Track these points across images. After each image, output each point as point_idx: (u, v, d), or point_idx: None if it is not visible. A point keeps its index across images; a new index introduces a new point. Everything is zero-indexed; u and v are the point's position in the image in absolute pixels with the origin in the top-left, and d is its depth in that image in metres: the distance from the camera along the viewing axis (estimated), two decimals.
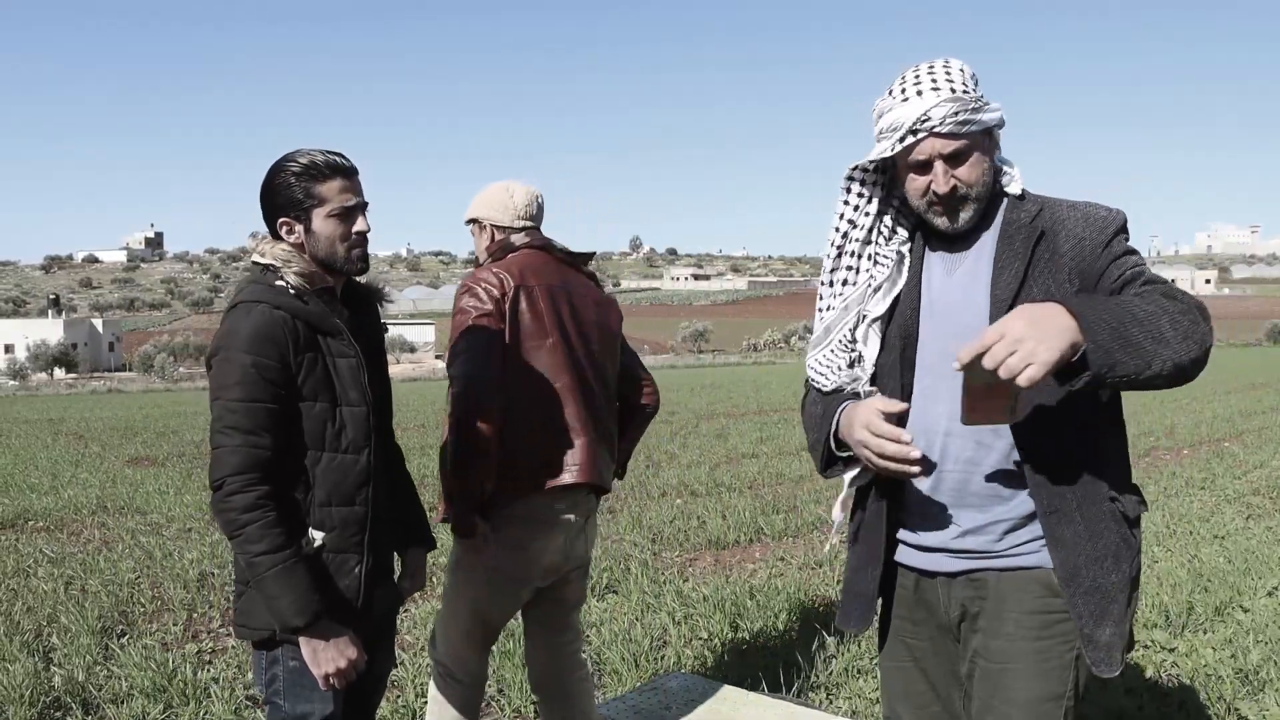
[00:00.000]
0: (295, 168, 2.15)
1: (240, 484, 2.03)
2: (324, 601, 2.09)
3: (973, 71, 1.92)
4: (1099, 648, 1.87)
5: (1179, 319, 1.73)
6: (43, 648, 4.70)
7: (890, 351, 2.01)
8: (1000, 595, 1.94)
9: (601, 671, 4.31)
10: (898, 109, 1.89)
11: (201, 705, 3.94)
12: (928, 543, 2.01)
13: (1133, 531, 1.93)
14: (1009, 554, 1.93)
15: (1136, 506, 1.94)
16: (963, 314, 1.94)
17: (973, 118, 1.85)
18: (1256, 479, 9.59)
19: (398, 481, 2.47)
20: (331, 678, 2.13)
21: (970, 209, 1.92)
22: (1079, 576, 1.87)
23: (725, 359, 60.19)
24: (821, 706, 3.86)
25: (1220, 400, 19.06)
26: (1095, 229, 1.90)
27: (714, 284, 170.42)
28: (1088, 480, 1.89)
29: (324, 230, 2.17)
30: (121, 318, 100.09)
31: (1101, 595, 1.88)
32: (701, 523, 7.62)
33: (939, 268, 2.01)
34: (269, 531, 2.03)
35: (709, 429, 14.73)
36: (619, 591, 5.66)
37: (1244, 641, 4.56)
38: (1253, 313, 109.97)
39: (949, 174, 1.89)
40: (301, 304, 2.14)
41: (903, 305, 2.01)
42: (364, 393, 2.21)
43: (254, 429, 2.05)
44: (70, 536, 7.49)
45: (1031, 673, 1.90)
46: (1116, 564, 1.89)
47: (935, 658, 2.07)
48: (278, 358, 2.08)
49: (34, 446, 13.95)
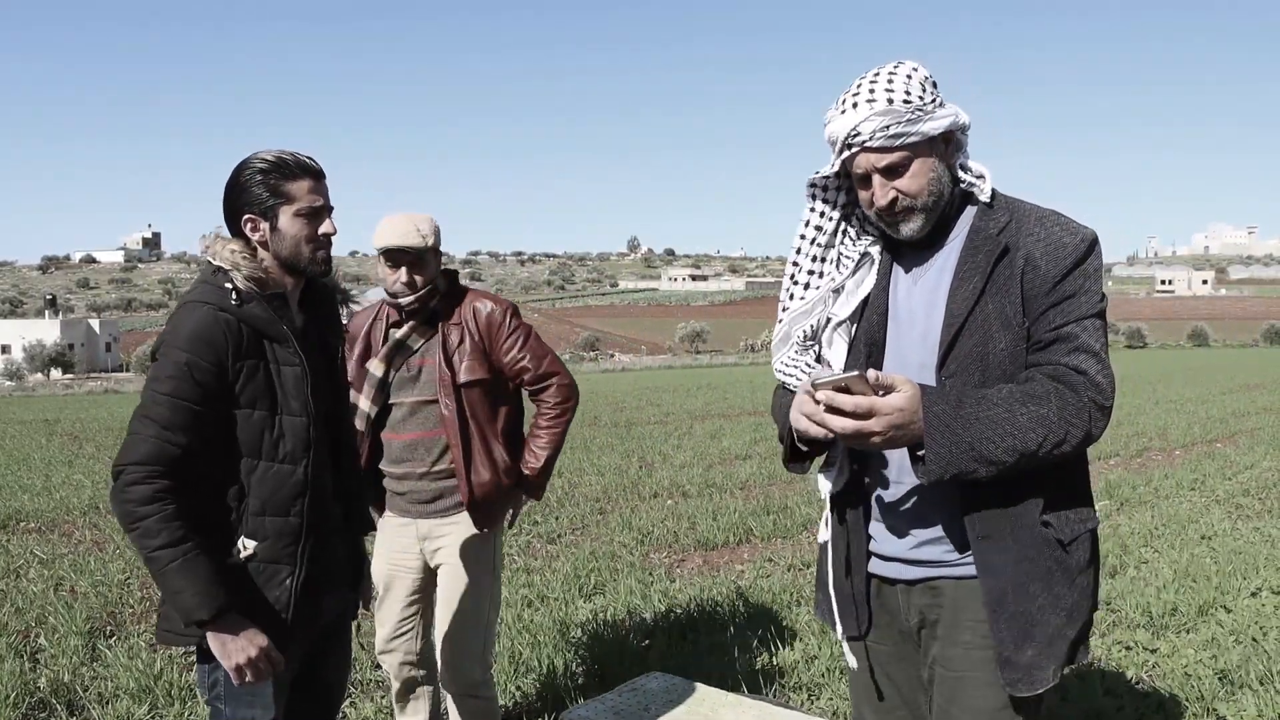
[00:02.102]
0: (263, 165, 2.13)
1: (142, 474, 2.00)
2: (228, 594, 2.04)
3: (925, 77, 1.88)
4: (1017, 668, 1.87)
5: (1041, 425, 1.77)
6: (30, 649, 4.71)
7: (856, 357, 2.01)
8: (956, 604, 1.95)
9: (584, 671, 4.33)
10: (835, 122, 1.89)
11: (186, 706, 3.96)
12: (888, 551, 2.03)
13: (1067, 552, 1.90)
14: (965, 563, 1.94)
15: (1075, 527, 1.91)
16: (923, 323, 1.95)
17: (908, 129, 1.83)
18: (1246, 480, 9.62)
19: (352, 486, 2.42)
20: (244, 669, 2.07)
21: (917, 219, 1.90)
22: (1004, 602, 1.88)
23: (723, 359, 60.16)
24: (802, 707, 3.88)
25: (1215, 401, 19.08)
26: (1053, 259, 1.85)
27: (711, 284, 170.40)
28: (1020, 504, 1.88)
29: (290, 229, 2.14)
30: (119, 318, 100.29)
31: (1025, 620, 1.87)
32: (692, 524, 7.64)
33: (906, 275, 2.00)
34: (166, 524, 1.99)
35: (703, 430, 14.74)
36: (605, 592, 5.69)
37: (1225, 642, 4.59)
38: (1250, 313, 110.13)
39: (886, 187, 1.88)
40: (248, 309, 2.11)
41: (869, 311, 2.01)
42: (306, 403, 2.17)
43: (171, 425, 2.02)
44: (61, 537, 7.50)
45: (986, 680, 1.90)
46: (1047, 587, 1.88)
47: (899, 663, 2.08)
48: (213, 360, 2.05)
49: (28, 447, 13.94)
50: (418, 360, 3.14)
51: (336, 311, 2.39)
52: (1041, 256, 1.86)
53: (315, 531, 2.20)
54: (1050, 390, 1.80)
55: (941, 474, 1.77)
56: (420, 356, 3.14)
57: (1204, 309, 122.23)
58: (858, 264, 2.03)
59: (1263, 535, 7.10)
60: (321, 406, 2.22)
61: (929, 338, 1.93)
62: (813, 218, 2.04)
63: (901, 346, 1.97)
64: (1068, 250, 1.86)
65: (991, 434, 1.77)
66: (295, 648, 2.21)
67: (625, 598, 5.46)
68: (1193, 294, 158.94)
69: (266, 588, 2.14)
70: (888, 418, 1.74)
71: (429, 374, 3.12)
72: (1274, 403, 18.62)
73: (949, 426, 1.76)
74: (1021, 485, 1.87)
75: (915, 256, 1.99)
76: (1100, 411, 1.82)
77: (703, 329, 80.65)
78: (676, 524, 7.64)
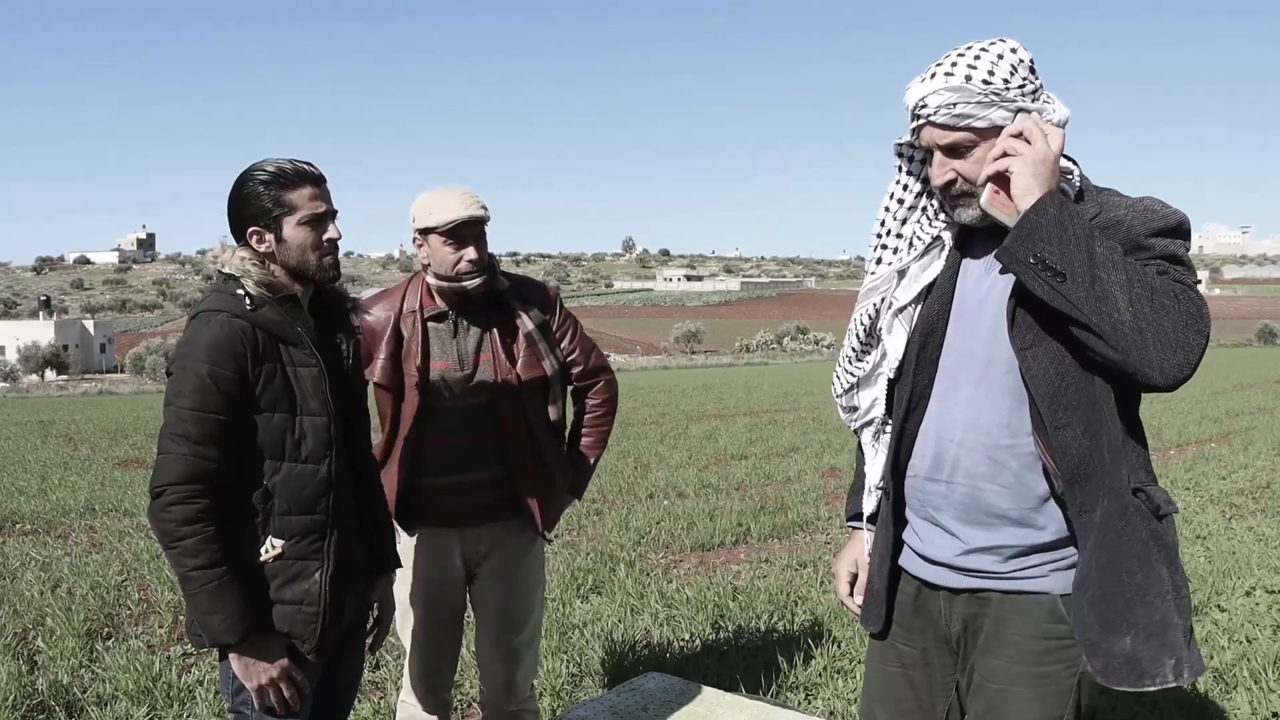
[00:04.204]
0: (264, 176, 2.13)
1: (182, 494, 2.02)
2: (256, 618, 2.08)
3: (1021, 60, 1.75)
4: (1112, 656, 1.70)
5: (1144, 289, 1.61)
6: (28, 651, 4.71)
7: (911, 347, 1.92)
8: (1002, 617, 1.87)
9: (583, 672, 4.35)
10: (912, 89, 1.80)
11: (186, 708, 3.96)
12: (933, 555, 1.94)
13: (1163, 524, 1.74)
14: (1014, 576, 1.86)
15: (1166, 504, 1.75)
16: (985, 317, 1.85)
17: (976, 112, 1.73)
18: (1241, 479, 9.65)
19: (368, 493, 2.43)
20: (267, 690, 2.12)
21: (975, 207, 1.80)
22: (1086, 583, 1.74)
23: (718, 360, 60.17)
24: (799, 707, 3.90)
25: (1209, 401, 19.11)
26: (1142, 219, 1.73)
27: (707, 285, 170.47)
28: (1112, 473, 1.73)
29: (295, 238, 2.16)
30: (113, 319, 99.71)
31: (1118, 602, 1.70)
32: (688, 524, 7.66)
33: (978, 265, 1.89)
34: (206, 546, 2.02)
35: (699, 430, 14.74)
36: (603, 592, 5.70)
37: (1220, 641, 4.61)
38: (1244, 313, 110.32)
39: (946, 165, 1.79)
40: (262, 313, 2.13)
41: (932, 299, 1.91)
42: (325, 402, 2.18)
43: (202, 439, 2.04)
44: (58, 539, 7.48)
45: (1029, 696, 1.83)
46: (1144, 564, 1.70)
47: (925, 667, 2.01)
48: (234, 369, 2.07)
49: (23, 449, 13.90)
50: (472, 356, 2.83)
51: (347, 316, 2.39)
52: (1131, 215, 1.74)
53: (339, 527, 2.22)
54: (1164, 282, 1.65)
55: (1034, 228, 1.64)
56: (476, 352, 2.83)
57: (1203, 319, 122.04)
58: (927, 247, 1.92)
59: (1256, 535, 7.13)
60: (338, 407, 2.24)
61: (991, 332, 1.82)
62: (895, 188, 1.95)
63: (963, 339, 1.87)
64: (1158, 215, 1.73)
65: (1103, 257, 1.62)
66: (325, 645, 2.22)
67: (622, 598, 5.47)
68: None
69: (297, 582, 2.16)
70: (1034, 154, 1.67)
71: (485, 371, 2.81)
72: (1268, 402, 18.67)
73: (1070, 218, 1.65)
74: (1110, 453, 1.73)
75: (990, 245, 1.84)
76: (1186, 330, 1.62)
77: (698, 329, 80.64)
78: (673, 524, 7.65)
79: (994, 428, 1.83)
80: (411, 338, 2.81)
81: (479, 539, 2.89)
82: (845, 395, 2.09)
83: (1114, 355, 1.63)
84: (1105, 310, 1.61)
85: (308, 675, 2.21)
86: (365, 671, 4.33)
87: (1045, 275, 1.63)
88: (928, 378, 1.90)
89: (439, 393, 2.80)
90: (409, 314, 2.83)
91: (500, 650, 2.95)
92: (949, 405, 1.88)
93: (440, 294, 2.81)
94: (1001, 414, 1.82)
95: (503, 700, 2.98)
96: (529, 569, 2.96)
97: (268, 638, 2.13)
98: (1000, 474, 1.83)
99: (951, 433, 1.87)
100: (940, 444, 1.88)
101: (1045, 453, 1.76)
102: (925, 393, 1.91)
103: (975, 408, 1.84)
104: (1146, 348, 1.61)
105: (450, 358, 2.81)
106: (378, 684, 4.27)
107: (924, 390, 1.91)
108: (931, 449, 1.89)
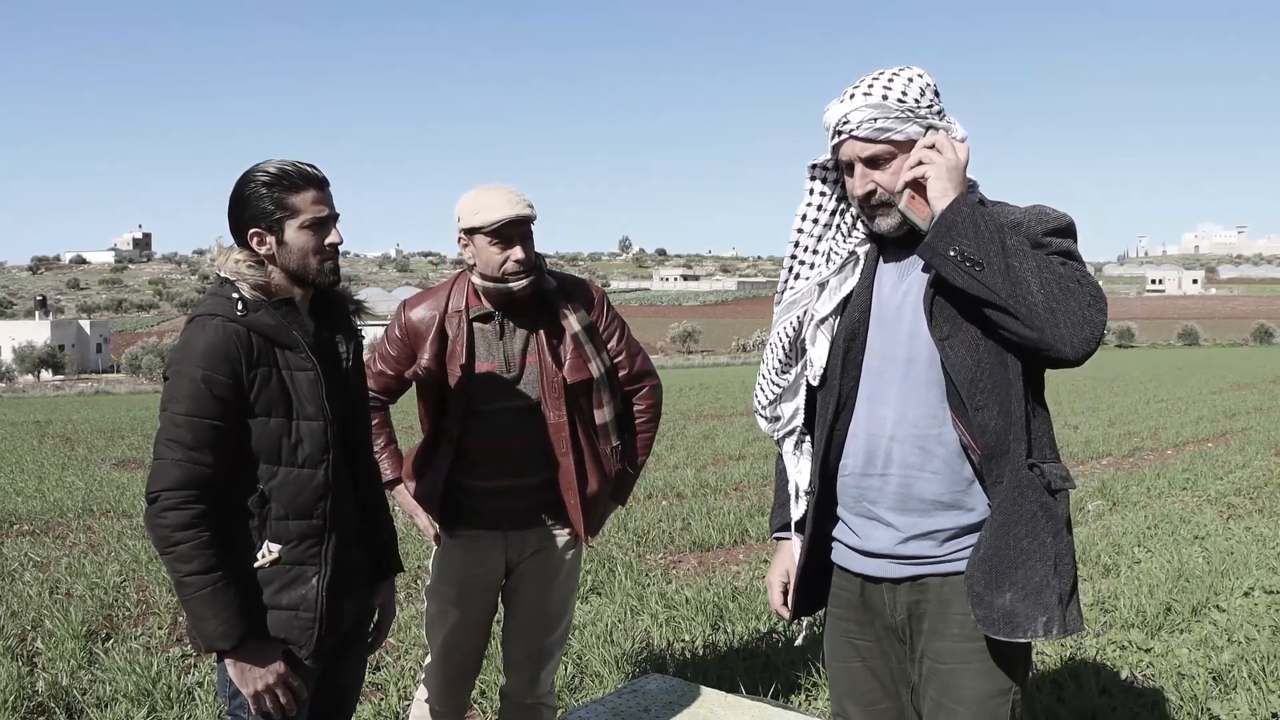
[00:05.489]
0: (266, 178, 2.11)
1: (177, 500, 2.01)
2: (252, 623, 2.08)
3: (928, 84, 1.95)
4: (992, 609, 1.87)
5: (1052, 275, 1.79)
6: (27, 652, 4.71)
7: (835, 354, 2.06)
8: (944, 598, 1.99)
9: (583, 674, 4.35)
10: (831, 109, 1.97)
11: (185, 709, 3.96)
12: (872, 548, 2.06)
13: (1054, 498, 1.91)
14: (951, 559, 1.99)
15: (1060, 480, 1.93)
16: (904, 321, 2.00)
17: (895, 126, 1.91)
18: (1238, 479, 9.68)
19: (368, 496, 2.41)
20: (263, 696, 2.11)
21: (894, 215, 1.97)
22: (979, 544, 1.92)
23: (715, 359, 60.22)
24: (800, 708, 3.90)
25: (1206, 401, 19.17)
26: (1038, 220, 1.92)
27: (703, 284, 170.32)
28: (1010, 449, 1.90)
29: (296, 242, 2.13)
30: (109, 319, 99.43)
31: (1003, 561, 1.88)
32: (686, 525, 7.66)
33: (891, 273, 2.05)
34: (201, 552, 2.01)
35: (696, 430, 14.75)
36: (602, 593, 5.70)
37: (1219, 641, 4.62)
38: (1239, 313, 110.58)
39: (866, 177, 1.95)
40: (256, 317, 2.10)
41: (851, 308, 2.05)
42: (322, 406, 2.16)
43: (197, 445, 2.03)
44: (55, 540, 7.47)
45: (976, 671, 1.96)
46: (1031, 531, 1.88)
47: (883, 657, 2.13)
48: (229, 374, 2.05)
49: (20, 449, 13.88)
50: (519, 358, 2.78)
51: (349, 319, 2.36)
52: (1029, 220, 1.93)
53: (337, 532, 2.21)
54: (1066, 270, 1.85)
55: (941, 232, 1.83)
56: (522, 354, 2.78)
57: (1194, 308, 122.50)
58: (844, 262, 2.07)
59: (1254, 535, 7.14)
60: (336, 412, 2.22)
61: (910, 335, 1.98)
62: (811, 201, 2.11)
63: (884, 343, 2.01)
64: (1051, 217, 1.93)
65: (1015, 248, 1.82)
66: (322, 650, 2.21)
67: (622, 599, 5.48)
68: (1183, 293, 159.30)
69: (294, 587, 2.15)
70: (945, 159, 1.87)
71: (532, 373, 2.76)
72: (1264, 402, 18.72)
73: (981, 216, 1.84)
74: (1010, 431, 1.89)
75: (902, 256, 2.03)
76: (1101, 312, 1.82)
77: (694, 329, 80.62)
78: (671, 525, 7.66)
79: (921, 419, 1.98)
80: (456, 338, 2.77)
81: (523, 542, 2.87)
82: (769, 406, 2.22)
83: (1030, 334, 1.81)
84: (1020, 294, 1.79)
85: (305, 680, 2.20)
86: (365, 672, 4.33)
87: (965, 265, 1.81)
88: (853, 381, 2.04)
89: (484, 394, 2.76)
90: (454, 314, 2.80)
91: (531, 648, 2.94)
92: (876, 405, 2.02)
93: (486, 295, 2.77)
94: (928, 406, 1.97)
95: (525, 693, 2.98)
96: (569, 572, 2.95)
97: (264, 643, 2.12)
98: (930, 461, 1.97)
99: (883, 429, 2.00)
100: (872, 441, 2.01)
101: (966, 433, 1.92)
102: (852, 395, 2.04)
103: (903, 404, 1.99)
104: (1058, 325, 1.79)
105: (496, 359, 2.78)
106: (379, 685, 4.27)
107: (850, 393, 2.04)
108: (863, 447, 2.03)
